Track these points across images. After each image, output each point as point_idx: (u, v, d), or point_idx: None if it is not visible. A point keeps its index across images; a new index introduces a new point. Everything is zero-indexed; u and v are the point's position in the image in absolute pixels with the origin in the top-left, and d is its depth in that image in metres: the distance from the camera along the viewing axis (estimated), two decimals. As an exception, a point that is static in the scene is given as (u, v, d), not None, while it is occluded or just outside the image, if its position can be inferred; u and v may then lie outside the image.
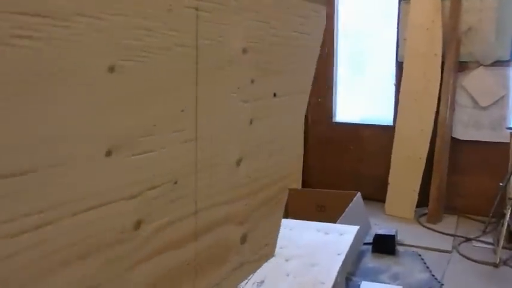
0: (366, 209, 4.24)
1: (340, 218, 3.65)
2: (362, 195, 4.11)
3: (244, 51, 0.90)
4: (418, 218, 4.43)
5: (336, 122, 4.99)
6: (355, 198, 3.96)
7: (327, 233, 3.42)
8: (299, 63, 1.11)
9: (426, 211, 4.42)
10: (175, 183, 0.78)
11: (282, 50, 1.03)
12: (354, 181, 4.77)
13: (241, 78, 0.91)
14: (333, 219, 3.73)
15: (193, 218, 0.83)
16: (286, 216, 4.32)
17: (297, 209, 4.33)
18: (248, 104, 0.93)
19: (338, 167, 4.93)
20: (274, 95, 1.02)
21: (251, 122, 0.95)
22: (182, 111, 0.78)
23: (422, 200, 4.42)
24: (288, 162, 1.11)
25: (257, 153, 0.98)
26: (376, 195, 4.65)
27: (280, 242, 3.40)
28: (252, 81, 0.94)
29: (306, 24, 1.10)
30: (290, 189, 4.00)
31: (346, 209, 3.79)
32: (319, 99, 4.91)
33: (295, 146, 1.12)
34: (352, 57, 5.06)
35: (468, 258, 3.65)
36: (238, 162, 0.93)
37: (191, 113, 0.80)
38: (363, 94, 4.96)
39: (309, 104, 4.21)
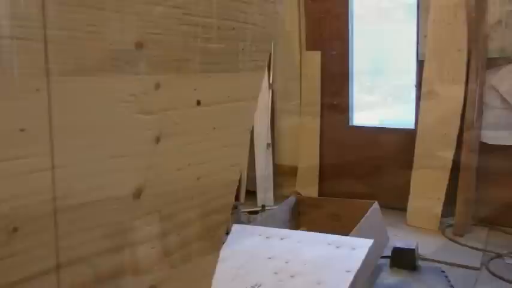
0: (385, 219, 3.94)
1: (354, 229, 3.37)
2: (382, 203, 3.82)
3: (139, 45, 0.68)
4: (443, 229, 4.08)
5: (352, 126, 4.70)
6: (371, 208, 3.67)
7: (338, 247, 3.15)
8: (238, 62, 0.87)
9: (452, 222, 4.08)
10: (15, 230, 0.56)
11: (209, 44, 0.79)
12: (372, 189, 4.46)
13: (136, 83, 0.68)
14: (348, 230, 3.46)
15: (52, 276, 0.60)
16: (298, 226, 4.09)
17: (310, 219, 4.07)
18: (151, 116, 0.71)
19: (355, 174, 4.64)
20: (198, 103, 0.79)
21: (158, 140, 0.72)
22: (22, 130, 0.56)
23: (448, 210, 4.07)
24: (224, 189, 0.87)
25: (170, 181, 0.75)
26: (396, 204, 4.34)
27: (286, 256, 3.15)
28: (158, 86, 0.71)
29: (249, 12, 0.86)
30: (303, 197, 3.74)
31: (361, 220, 3.51)
32: (334, 102, 4.63)
33: (234, 169, 0.89)
34: (369, 57, 4.76)
35: (499, 277, 3.28)
36: (137, 195, 0.70)
37: (39, 132, 0.58)
38: (382, 95, 4.65)
39: (324, 106, 3.91)
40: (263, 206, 4.65)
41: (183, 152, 0.78)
